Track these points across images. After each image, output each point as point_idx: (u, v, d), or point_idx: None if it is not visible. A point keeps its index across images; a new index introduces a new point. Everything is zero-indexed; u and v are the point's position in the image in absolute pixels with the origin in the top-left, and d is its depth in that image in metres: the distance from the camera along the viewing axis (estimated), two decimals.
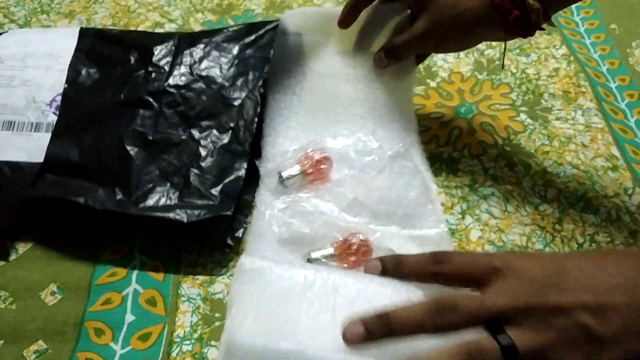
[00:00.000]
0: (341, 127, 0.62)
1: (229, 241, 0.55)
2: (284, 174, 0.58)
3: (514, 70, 0.73)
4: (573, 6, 0.81)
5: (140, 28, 0.78)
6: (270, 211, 0.56)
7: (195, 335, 0.51)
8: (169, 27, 0.78)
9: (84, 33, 0.67)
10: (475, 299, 0.39)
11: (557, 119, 0.68)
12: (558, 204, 0.60)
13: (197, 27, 0.78)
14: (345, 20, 0.62)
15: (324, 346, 0.39)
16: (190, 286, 0.54)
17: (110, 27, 0.78)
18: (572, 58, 0.74)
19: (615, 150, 0.64)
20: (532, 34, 0.55)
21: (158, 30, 0.78)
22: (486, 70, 0.73)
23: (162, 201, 0.55)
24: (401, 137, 0.61)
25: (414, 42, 0.59)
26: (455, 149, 0.65)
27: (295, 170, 0.58)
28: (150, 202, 0.55)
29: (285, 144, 0.61)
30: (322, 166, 0.58)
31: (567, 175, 0.62)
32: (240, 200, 0.58)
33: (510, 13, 0.53)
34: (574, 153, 0.64)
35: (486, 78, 0.72)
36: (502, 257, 0.41)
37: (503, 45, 0.58)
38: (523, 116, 0.68)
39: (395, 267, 0.44)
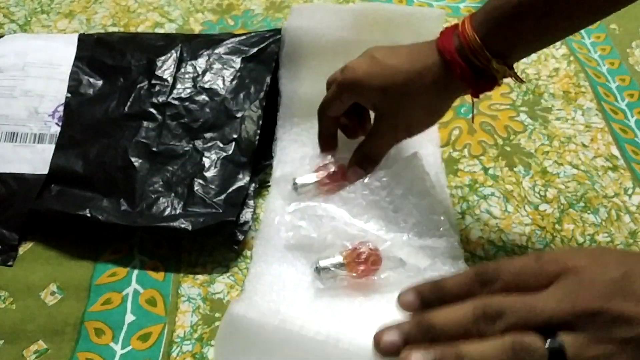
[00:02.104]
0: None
1: (239, 236, 0.56)
2: (299, 181, 0.57)
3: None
4: None
5: (140, 28, 0.78)
6: (280, 217, 0.56)
7: (196, 335, 0.51)
8: (169, 27, 0.78)
9: (83, 40, 0.67)
10: (527, 301, 0.34)
11: (557, 119, 0.68)
12: (558, 204, 0.60)
13: (197, 27, 0.78)
14: (328, 148, 0.59)
15: None
16: (190, 286, 0.54)
17: (110, 27, 0.78)
18: (572, 58, 0.74)
19: (615, 150, 0.64)
20: (496, 85, 0.51)
21: (158, 30, 0.78)
22: None
23: (167, 211, 0.56)
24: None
25: (385, 138, 0.55)
26: (455, 149, 0.65)
27: (311, 178, 0.57)
28: (155, 212, 0.56)
29: (300, 150, 0.60)
30: (338, 178, 0.57)
31: (567, 175, 0.62)
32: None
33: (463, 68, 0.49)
34: (574, 153, 0.64)
35: None
36: (559, 258, 0.35)
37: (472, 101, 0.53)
38: (523, 116, 0.68)
39: (436, 294, 0.37)
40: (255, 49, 0.64)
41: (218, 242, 0.56)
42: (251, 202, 0.58)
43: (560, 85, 0.71)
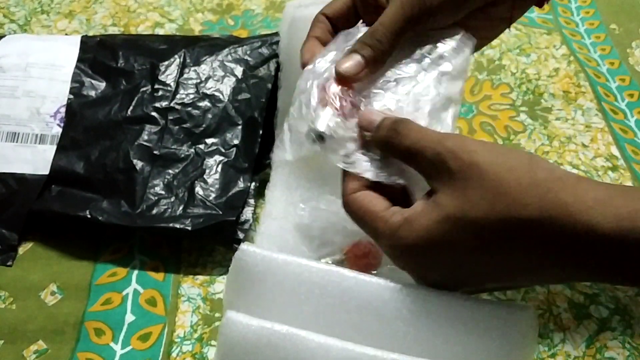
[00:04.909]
0: None
1: (239, 235, 0.56)
2: (319, 127, 0.39)
3: (514, 70, 0.73)
4: (573, 6, 0.82)
5: (140, 28, 0.78)
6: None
7: (196, 335, 0.51)
8: (169, 27, 0.78)
9: (86, 42, 0.67)
10: (387, 231, 0.39)
11: (557, 119, 0.68)
12: None
13: (197, 27, 0.79)
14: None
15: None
16: (190, 286, 0.54)
17: (110, 27, 0.78)
18: (572, 58, 0.74)
19: (615, 150, 0.64)
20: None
21: (158, 30, 0.78)
22: (486, 70, 0.73)
23: (168, 212, 0.56)
24: None
25: (392, 8, 0.42)
26: None
27: (327, 114, 0.40)
28: (156, 213, 0.56)
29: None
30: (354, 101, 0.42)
31: None
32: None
33: None
34: (574, 153, 0.64)
35: (486, 78, 0.72)
36: (455, 144, 0.36)
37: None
38: (523, 116, 0.68)
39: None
40: (258, 60, 0.65)
41: (218, 242, 0.56)
42: (251, 201, 0.58)
43: (560, 85, 0.71)
